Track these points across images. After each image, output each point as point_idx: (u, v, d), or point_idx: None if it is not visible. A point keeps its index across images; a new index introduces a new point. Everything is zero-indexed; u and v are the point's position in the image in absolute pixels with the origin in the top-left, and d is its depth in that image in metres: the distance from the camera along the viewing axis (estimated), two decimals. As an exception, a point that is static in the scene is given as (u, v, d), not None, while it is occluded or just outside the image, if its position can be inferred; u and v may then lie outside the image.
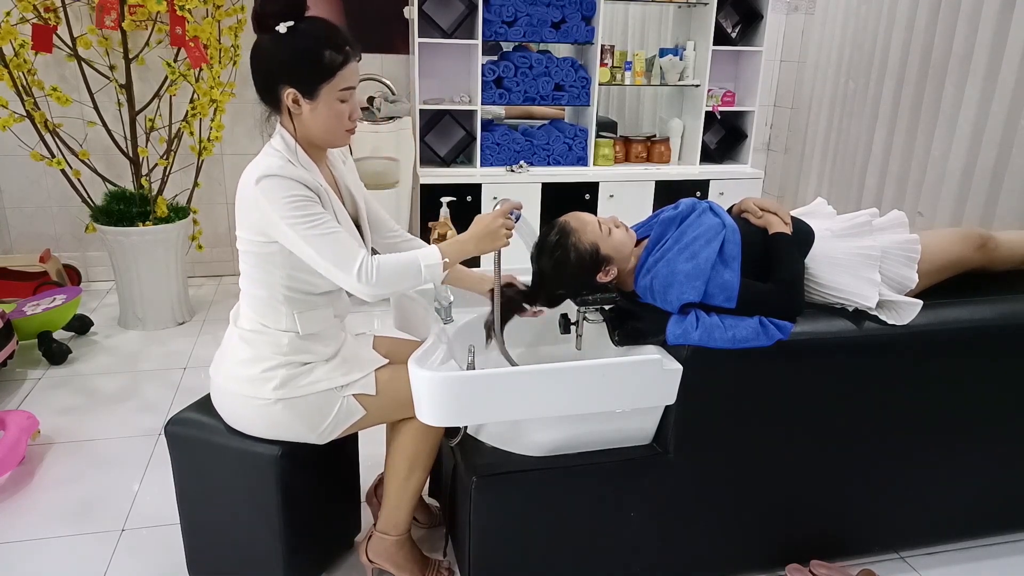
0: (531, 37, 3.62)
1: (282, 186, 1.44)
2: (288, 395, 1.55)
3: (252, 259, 1.55)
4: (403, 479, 1.68)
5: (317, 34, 1.46)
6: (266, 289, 1.55)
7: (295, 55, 1.45)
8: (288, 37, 1.45)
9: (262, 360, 1.56)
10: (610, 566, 1.73)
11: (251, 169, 1.49)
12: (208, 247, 3.77)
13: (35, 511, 2.08)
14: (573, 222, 1.71)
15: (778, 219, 1.76)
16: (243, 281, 1.60)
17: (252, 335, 1.58)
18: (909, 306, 1.70)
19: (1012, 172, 2.75)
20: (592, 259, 1.67)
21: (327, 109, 1.49)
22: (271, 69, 1.48)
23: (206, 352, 3.09)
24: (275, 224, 1.45)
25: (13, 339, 2.76)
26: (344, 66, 1.47)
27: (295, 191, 1.45)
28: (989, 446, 1.89)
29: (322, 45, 1.45)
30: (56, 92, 2.97)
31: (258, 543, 1.67)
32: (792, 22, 4.17)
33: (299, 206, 1.44)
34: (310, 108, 1.49)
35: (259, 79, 1.51)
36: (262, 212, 1.46)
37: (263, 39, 1.48)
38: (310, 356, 1.58)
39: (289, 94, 1.47)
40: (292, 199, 1.44)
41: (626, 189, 3.79)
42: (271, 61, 1.48)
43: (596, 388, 1.53)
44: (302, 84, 1.47)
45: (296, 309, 1.56)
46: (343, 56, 1.47)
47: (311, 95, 1.47)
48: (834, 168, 3.86)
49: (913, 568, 1.93)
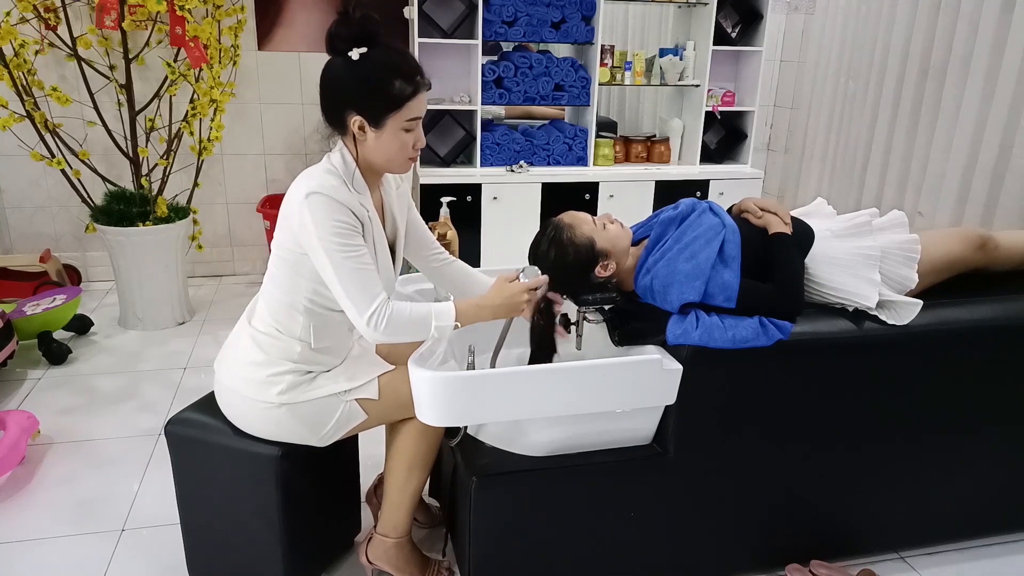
0: (531, 37, 3.61)
1: (330, 207, 1.43)
2: (292, 400, 1.55)
3: (283, 264, 1.54)
4: (403, 480, 1.68)
5: (389, 63, 1.45)
6: (289, 295, 1.55)
7: (366, 83, 1.45)
8: (360, 64, 1.44)
9: (271, 364, 1.56)
10: (610, 566, 1.73)
11: (304, 180, 1.48)
12: (208, 247, 3.77)
13: (35, 511, 2.08)
14: (567, 219, 1.72)
15: (778, 219, 1.76)
16: (268, 282, 1.59)
17: (265, 338, 1.57)
18: (909, 306, 1.70)
19: (1012, 172, 2.75)
20: (588, 253, 1.67)
21: (392, 138, 1.49)
22: (339, 93, 1.48)
23: (206, 352, 3.09)
24: (311, 241, 1.44)
25: (13, 339, 2.76)
26: (413, 97, 1.47)
27: (341, 216, 1.44)
28: (989, 446, 1.89)
29: (393, 75, 1.44)
30: (56, 92, 2.97)
31: (258, 543, 1.67)
32: (792, 22, 4.16)
33: (340, 232, 1.44)
34: (375, 136, 1.48)
35: (326, 101, 1.51)
36: (303, 225, 1.45)
37: (335, 62, 1.47)
38: (318, 367, 1.59)
39: (355, 121, 1.47)
40: (335, 224, 1.43)
41: (626, 189, 3.79)
42: (340, 85, 1.47)
43: (596, 388, 1.53)
44: (369, 112, 1.46)
45: (313, 321, 1.56)
46: (413, 87, 1.46)
47: (377, 124, 1.47)
48: (834, 168, 3.86)
49: (913, 568, 1.93)
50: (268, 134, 3.83)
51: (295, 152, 3.89)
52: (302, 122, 3.84)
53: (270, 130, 3.82)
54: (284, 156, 3.88)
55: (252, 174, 3.87)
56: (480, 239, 3.62)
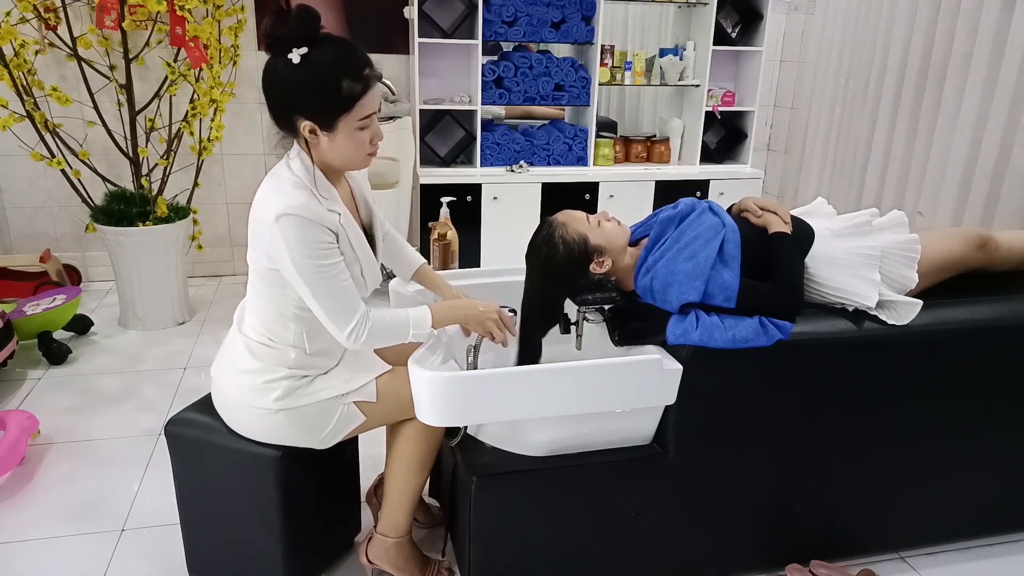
0: (531, 37, 3.62)
1: (302, 229, 1.38)
2: (289, 405, 1.54)
3: (263, 280, 1.51)
4: (403, 480, 1.67)
5: (333, 62, 1.36)
6: (277, 306, 1.52)
7: (310, 86, 1.37)
8: (302, 66, 1.35)
9: (266, 371, 1.54)
10: (610, 566, 1.73)
11: (271, 198, 1.41)
12: (208, 247, 3.77)
13: (35, 511, 2.08)
14: (561, 217, 1.72)
15: (778, 218, 1.76)
16: (252, 295, 1.57)
17: (259, 347, 1.55)
18: (909, 306, 1.70)
19: (1012, 172, 2.75)
20: (581, 249, 1.67)
21: (347, 139, 1.42)
22: (284, 98, 1.41)
23: (206, 352, 3.09)
24: (286, 263, 1.41)
25: (13, 339, 2.76)
26: (364, 95, 1.39)
27: (315, 236, 1.39)
28: (989, 446, 1.89)
29: (340, 75, 1.36)
30: (56, 92, 2.97)
31: (258, 543, 1.67)
32: (792, 22, 4.16)
33: (315, 254, 1.40)
34: (328, 139, 1.42)
35: (272, 105, 1.43)
36: (276, 248, 1.40)
37: (276, 63, 1.38)
38: (315, 370, 1.58)
39: (305, 126, 1.40)
40: (309, 247, 1.39)
41: (626, 189, 3.79)
42: (284, 90, 1.40)
43: (596, 388, 1.53)
44: (319, 117, 1.39)
45: (305, 327, 1.53)
46: (362, 84, 1.38)
47: (329, 127, 1.40)
48: (834, 168, 3.86)
49: (913, 568, 1.93)
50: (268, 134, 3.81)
51: (295, 152, 3.88)
52: (302, 122, 3.83)
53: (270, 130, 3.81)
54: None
55: (252, 174, 3.87)
56: (480, 239, 3.63)
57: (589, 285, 1.71)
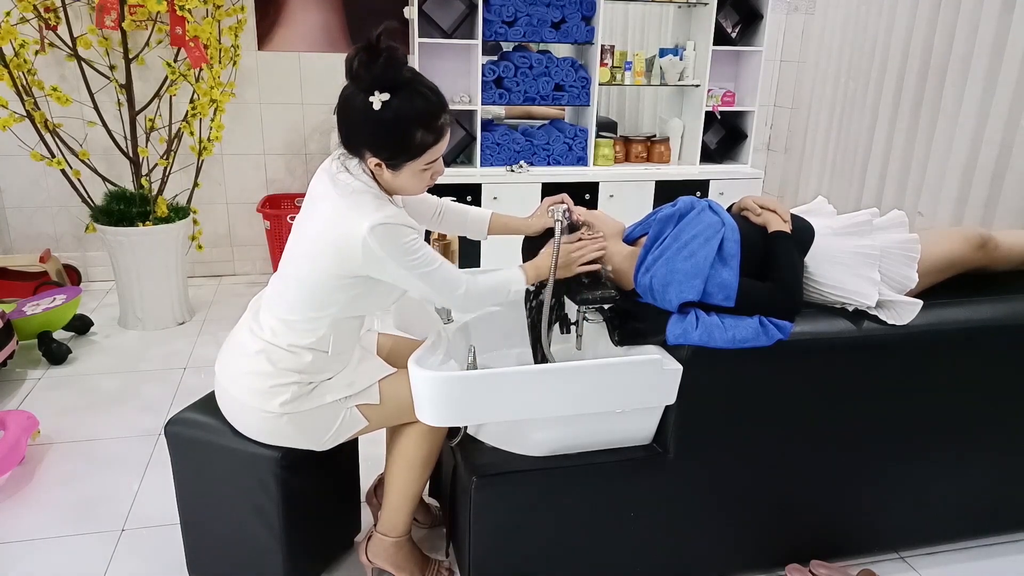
0: (531, 37, 3.61)
1: (397, 234, 1.43)
2: (295, 409, 1.54)
3: (323, 289, 1.50)
4: (404, 482, 1.68)
5: (412, 114, 1.39)
6: (318, 312, 1.52)
7: (385, 132, 1.41)
8: (381, 112, 1.38)
9: (276, 376, 1.53)
10: (610, 566, 1.73)
11: (352, 214, 1.43)
12: (208, 247, 3.77)
13: (35, 511, 2.08)
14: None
15: (777, 217, 1.75)
16: (281, 303, 1.55)
17: (276, 350, 1.54)
18: (909, 306, 1.70)
19: (1012, 172, 2.75)
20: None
21: (410, 178, 1.49)
22: (358, 134, 1.45)
23: (206, 352, 3.09)
24: (386, 267, 1.45)
25: (13, 339, 2.76)
26: (435, 144, 1.44)
27: (408, 236, 1.45)
28: (989, 446, 1.89)
29: (416, 127, 1.40)
30: (56, 92, 2.97)
31: (258, 543, 1.67)
32: (792, 22, 4.16)
33: (413, 249, 1.46)
34: (391, 175, 1.48)
35: (344, 132, 1.47)
36: (373, 258, 1.43)
37: (355, 100, 1.40)
38: (320, 376, 1.57)
39: (372, 160, 1.45)
40: (407, 245, 1.45)
41: (626, 189, 3.79)
42: (359, 127, 1.43)
43: (596, 388, 1.53)
44: (387, 158, 1.44)
45: (335, 331, 1.55)
46: (435, 135, 1.43)
47: (395, 168, 1.46)
48: (834, 168, 3.86)
49: (913, 568, 1.93)
50: (268, 134, 3.83)
51: (295, 152, 3.89)
52: (302, 122, 3.83)
53: (270, 130, 3.82)
54: (284, 156, 3.88)
55: (252, 174, 3.87)
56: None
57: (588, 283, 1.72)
